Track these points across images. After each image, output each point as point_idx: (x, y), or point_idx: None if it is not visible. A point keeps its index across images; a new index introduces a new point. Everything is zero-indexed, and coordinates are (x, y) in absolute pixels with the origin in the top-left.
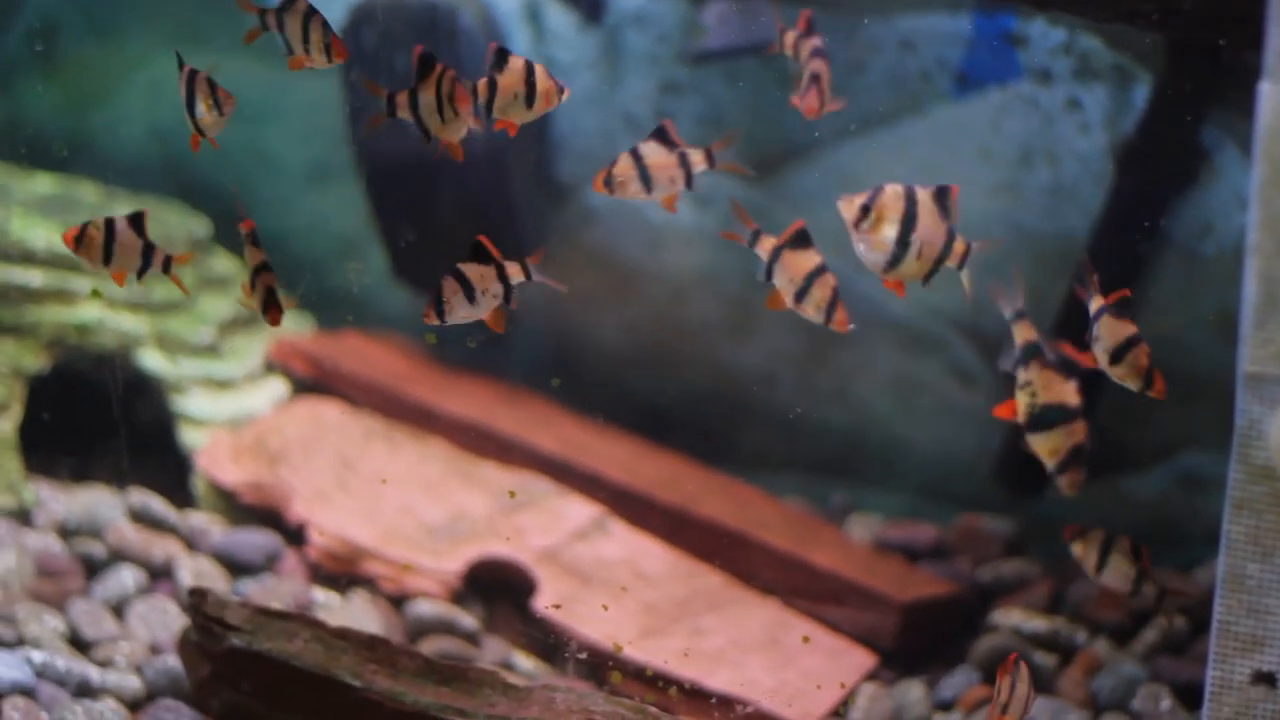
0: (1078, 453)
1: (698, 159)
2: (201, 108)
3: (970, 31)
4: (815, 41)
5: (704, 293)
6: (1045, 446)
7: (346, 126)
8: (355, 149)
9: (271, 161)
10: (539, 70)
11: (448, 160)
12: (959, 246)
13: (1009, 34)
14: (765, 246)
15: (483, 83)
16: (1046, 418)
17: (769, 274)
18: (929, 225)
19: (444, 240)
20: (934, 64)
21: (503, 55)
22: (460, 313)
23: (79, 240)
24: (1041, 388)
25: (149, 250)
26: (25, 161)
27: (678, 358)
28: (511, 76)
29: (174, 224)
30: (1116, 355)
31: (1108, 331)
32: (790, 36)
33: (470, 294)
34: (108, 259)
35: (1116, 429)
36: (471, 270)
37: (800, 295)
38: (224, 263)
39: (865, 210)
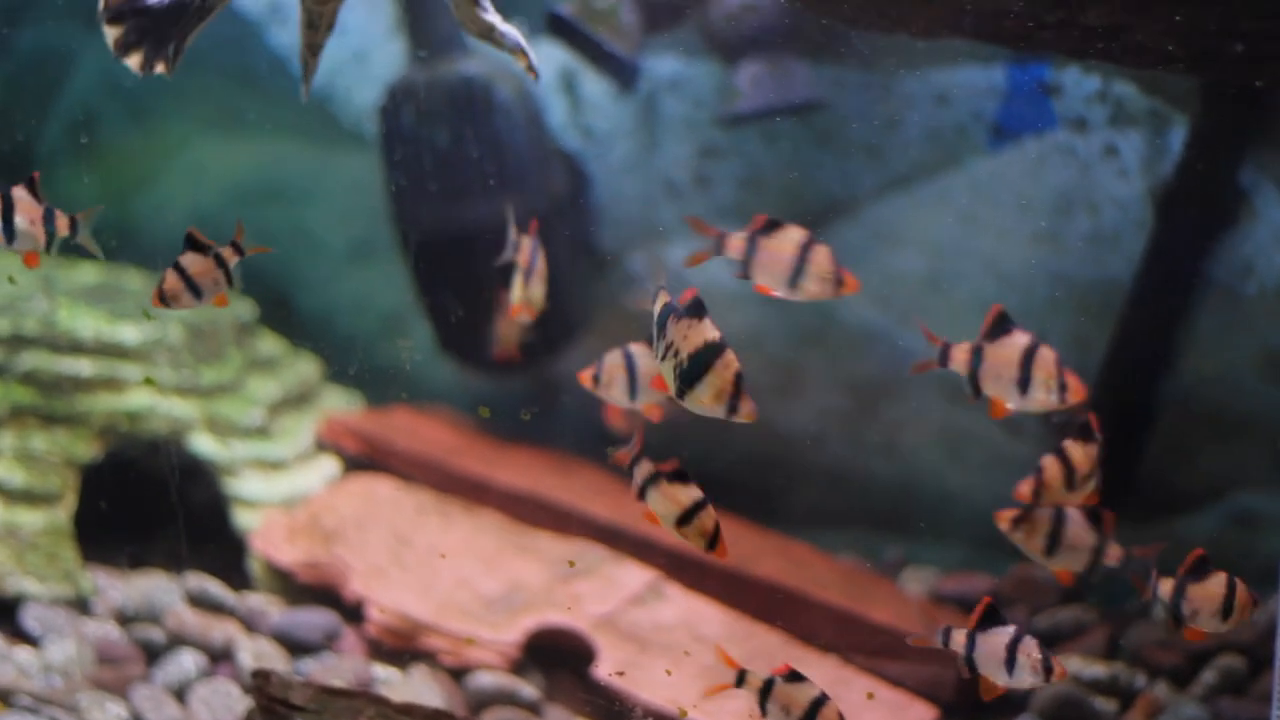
0: (740, 380)
1: None
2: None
3: (1004, 83)
4: None
5: (749, 353)
6: (709, 393)
7: (388, 205)
8: (397, 227)
9: (314, 241)
10: None
11: (489, 233)
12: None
13: (1043, 84)
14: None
15: None
16: (699, 364)
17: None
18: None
19: (490, 313)
20: (969, 117)
21: None
22: (185, 300)
23: None
24: (682, 340)
25: (50, 216)
26: (70, 251)
27: (726, 420)
28: None
29: (219, 308)
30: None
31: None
32: None
33: (193, 285)
34: (9, 235)
35: (1166, 470)
36: (190, 261)
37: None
38: (271, 344)
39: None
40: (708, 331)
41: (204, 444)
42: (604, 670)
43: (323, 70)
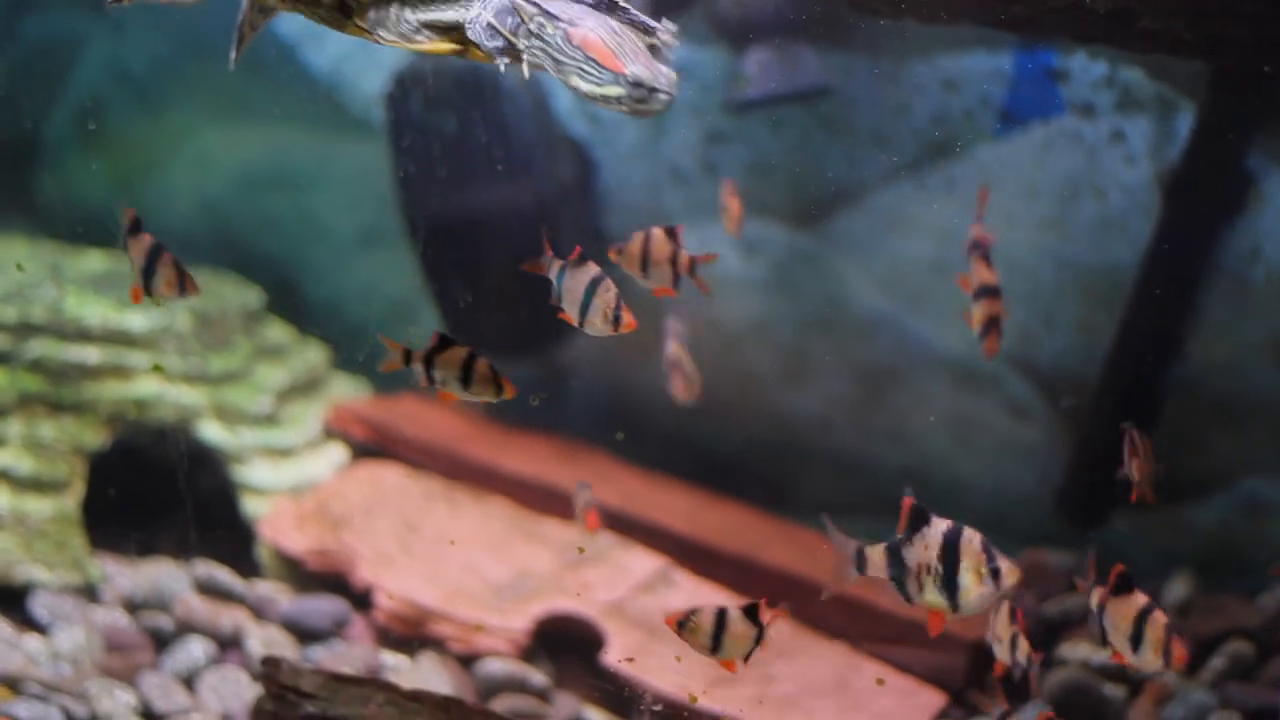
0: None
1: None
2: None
3: (1012, 69)
4: None
5: (757, 341)
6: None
7: (396, 192)
8: (405, 214)
9: (322, 229)
10: None
11: (497, 221)
12: None
13: (1050, 69)
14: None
15: None
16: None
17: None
18: None
19: (499, 299)
20: (977, 103)
21: None
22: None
23: None
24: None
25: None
26: (78, 239)
27: (734, 407)
28: None
29: (228, 295)
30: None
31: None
32: None
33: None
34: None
35: (1174, 458)
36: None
37: (584, 309)
38: (279, 332)
39: None
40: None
41: (212, 431)
42: (613, 657)
43: (330, 57)
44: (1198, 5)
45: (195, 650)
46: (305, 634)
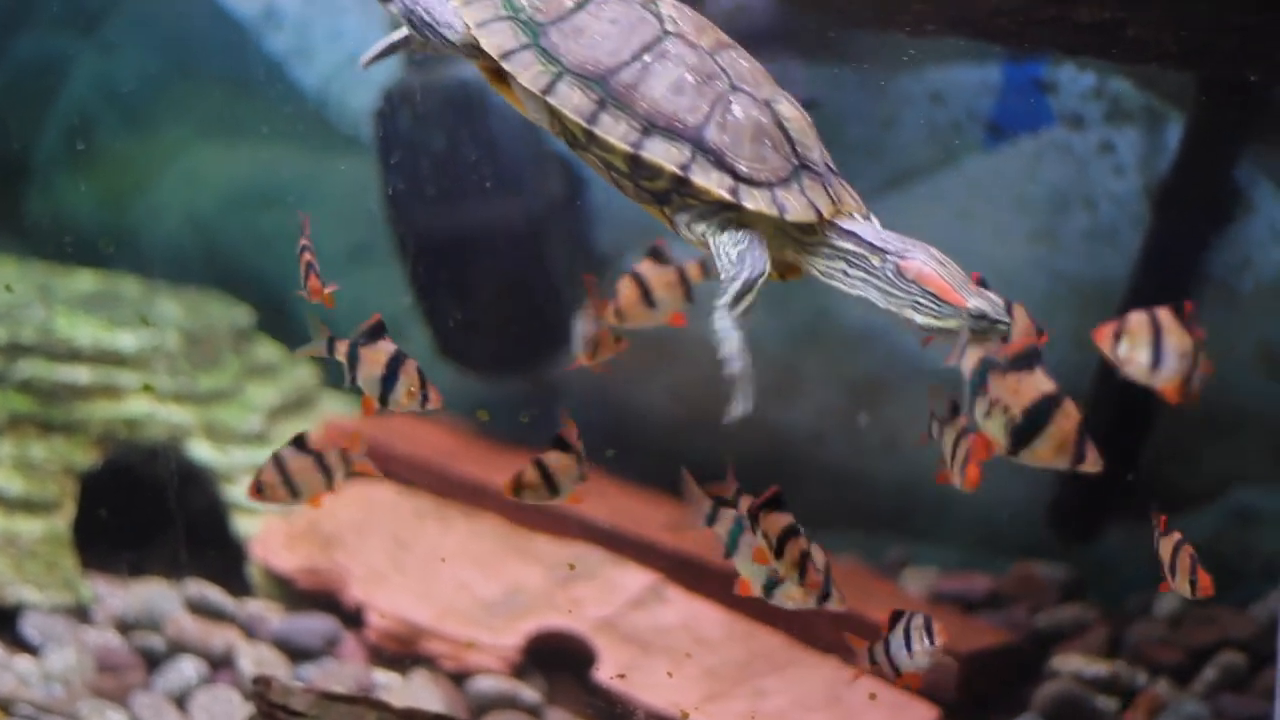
0: (1083, 430)
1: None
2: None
3: (999, 81)
4: None
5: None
6: (1051, 447)
7: (386, 208)
8: (395, 231)
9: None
10: None
11: (488, 237)
12: None
13: (1038, 81)
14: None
15: None
16: (1037, 418)
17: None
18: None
19: (489, 316)
20: (965, 115)
21: None
22: (281, 495)
23: None
24: (1012, 395)
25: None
26: (68, 259)
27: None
28: None
29: (217, 314)
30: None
31: None
32: None
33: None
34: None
35: (1165, 468)
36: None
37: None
38: (269, 351)
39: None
40: (1041, 383)
41: (202, 450)
42: (605, 673)
43: (318, 75)
44: (1185, 16)
45: (187, 670)
46: (297, 652)
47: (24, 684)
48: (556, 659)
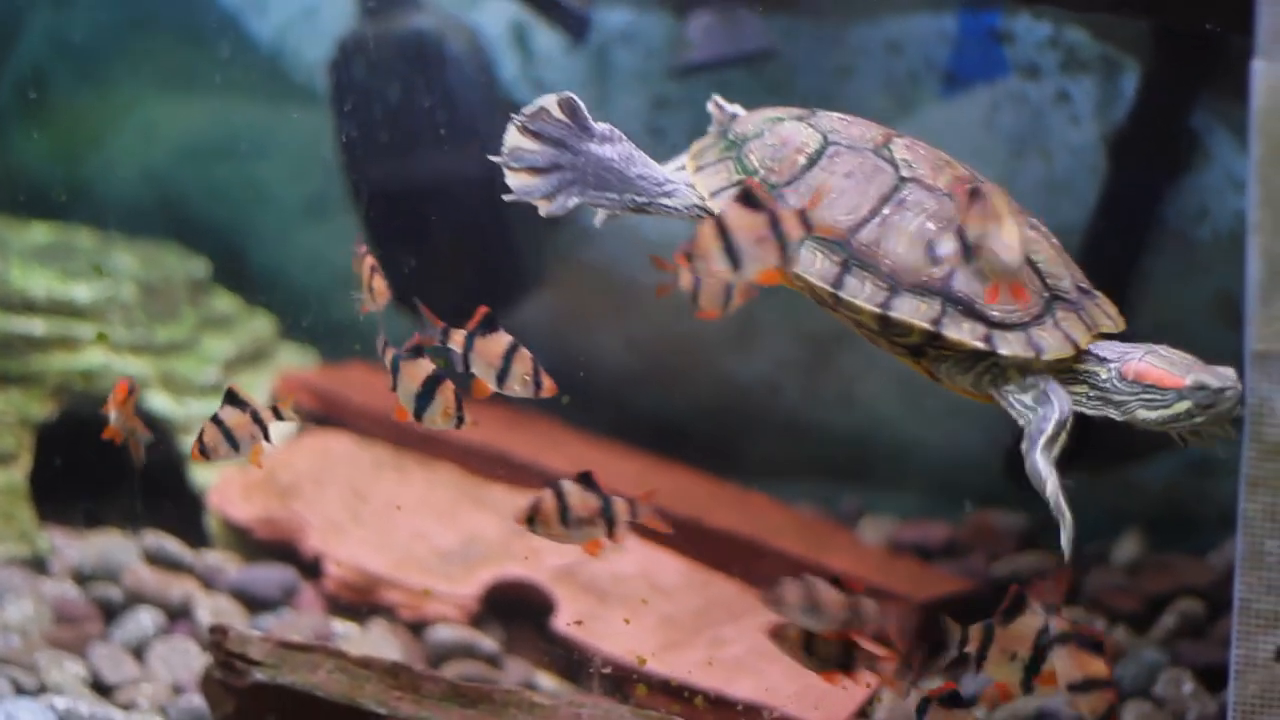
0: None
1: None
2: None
3: (956, 30)
4: None
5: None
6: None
7: (341, 158)
8: (349, 181)
9: (267, 196)
10: None
11: (443, 186)
12: None
13: (994, 30)
14: (456, 340)
15: None
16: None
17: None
18: None
19: (444, 265)
20: (922, 65)
21: None
22: (223, 452)
23: None
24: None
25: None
26: (22, 211)
27: (681, 371)
28: None
29: (173, 266)
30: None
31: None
32: None
33: (231, 438)
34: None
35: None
36: (229, 415)
37: (501, 376)
38: (225, 302)
39: None
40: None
41: (159, 402)
42: (563, 621)
43: (273, 26)
44: None
45: (144, 621)
46: (255, 603)
47: None
48: (514, 608)
